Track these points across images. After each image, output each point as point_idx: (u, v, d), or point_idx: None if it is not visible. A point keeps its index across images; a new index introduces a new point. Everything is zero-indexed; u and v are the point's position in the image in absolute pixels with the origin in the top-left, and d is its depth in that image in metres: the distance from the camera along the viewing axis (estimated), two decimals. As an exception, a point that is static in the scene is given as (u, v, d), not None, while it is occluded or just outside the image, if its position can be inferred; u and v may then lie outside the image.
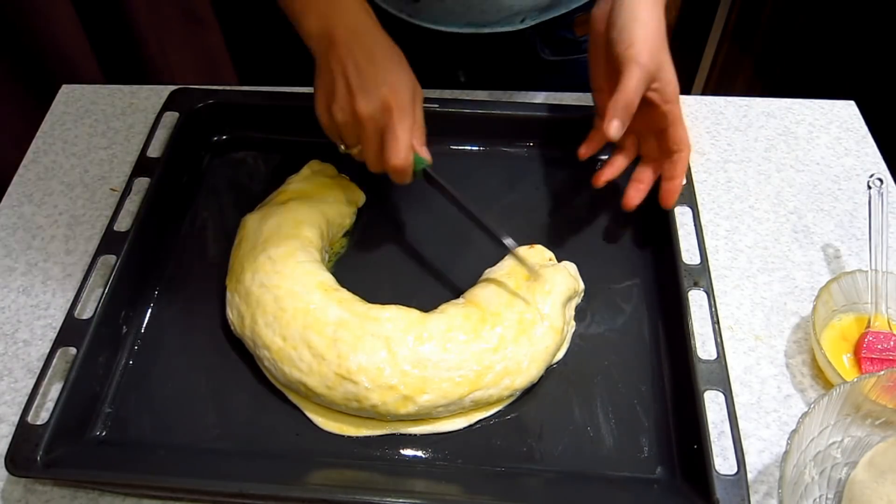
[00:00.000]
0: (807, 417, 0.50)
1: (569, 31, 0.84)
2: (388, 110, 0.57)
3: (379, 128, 0.58)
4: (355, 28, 0.59)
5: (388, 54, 0.60)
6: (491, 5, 0.77)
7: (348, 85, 0.57)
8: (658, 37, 0.60)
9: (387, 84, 0.57)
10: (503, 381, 0.56)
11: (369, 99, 0.57)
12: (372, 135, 0.58)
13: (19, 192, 0.74)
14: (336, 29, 0.59)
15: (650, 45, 0.59)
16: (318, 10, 0.60)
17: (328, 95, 0.59)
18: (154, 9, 1.14)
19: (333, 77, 0.58)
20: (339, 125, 0.59)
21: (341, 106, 0.58)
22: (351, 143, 0.61)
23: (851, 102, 0.83)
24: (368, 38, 0.60)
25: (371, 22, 0.61)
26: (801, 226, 0.71)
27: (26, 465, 0.51)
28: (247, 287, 0.59)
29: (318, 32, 0.59)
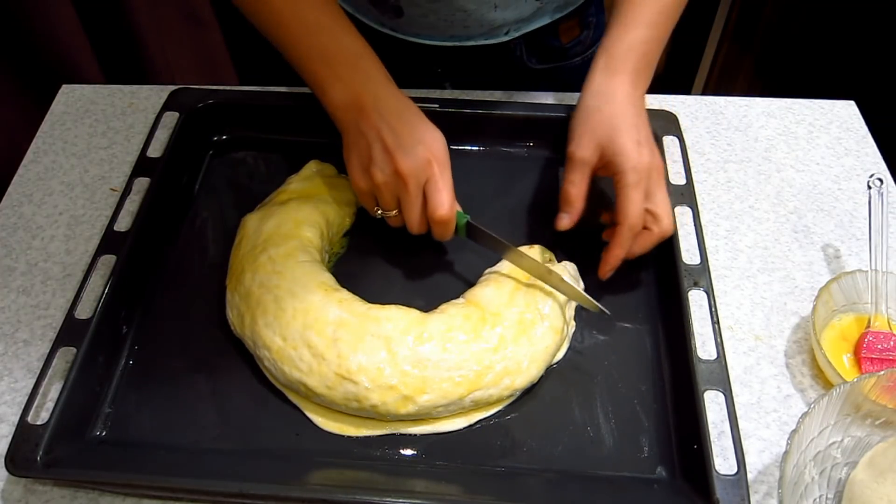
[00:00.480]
0: (807, 417, 0.50)
1: (555, 39, 0.84)
2: (429, 165, 0.58)
3: (420, 184, 0.59)
4: (379, 94, 0.61)
5: (414, 113, 0.61)
6: (474, 20, 0.77)
7: (385, 146, 0.58)
8: (611, 118, 0.61)
9: (423, 142, 0.58)
10: (503, 381, 0.56)
11: (409, 156, 0.58)
12: (414, 192, 0.59)
13: (19, 192, 0.74)
14: (363, 97, 0.60)
15: (596, 133, 0.61)
16: (343, 81, 0.61)
17: (364, 160, 0.60)
18: (154, 9, 1.15)
19: (368, 142, 0.59)
20: (380, 187, 0.59)
21: (381, 167, 0.58)
22: (389, 206, 0.61)
23: (851, 102, 0.83)
24: (393, 100, 0.61)
25: (393, 86, 0.62)
26: (801, 226, 0.71)
27: (26, 465, 0.51)
28: (247, 287, 0.59)
29: (346, 102, 0.61)
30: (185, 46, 1.23)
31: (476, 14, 0.76)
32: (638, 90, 0.63)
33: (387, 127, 0.59)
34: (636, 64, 0.63)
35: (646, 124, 0.62)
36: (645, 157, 0.59)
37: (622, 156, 0.59)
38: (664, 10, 0.64)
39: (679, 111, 0.75)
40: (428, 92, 0.79)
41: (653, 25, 0.64)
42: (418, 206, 0.60)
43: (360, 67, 0.62)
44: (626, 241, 0.60)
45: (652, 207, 0.60)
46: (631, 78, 0.62)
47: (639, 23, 0.64)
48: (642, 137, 0.60)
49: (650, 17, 0.64)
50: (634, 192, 0.59)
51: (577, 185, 0.62)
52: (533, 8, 0.77)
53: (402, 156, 0.58)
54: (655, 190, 0.60)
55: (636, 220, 0.59)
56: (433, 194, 0.59)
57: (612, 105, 0.61)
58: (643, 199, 0.59)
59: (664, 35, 0.65)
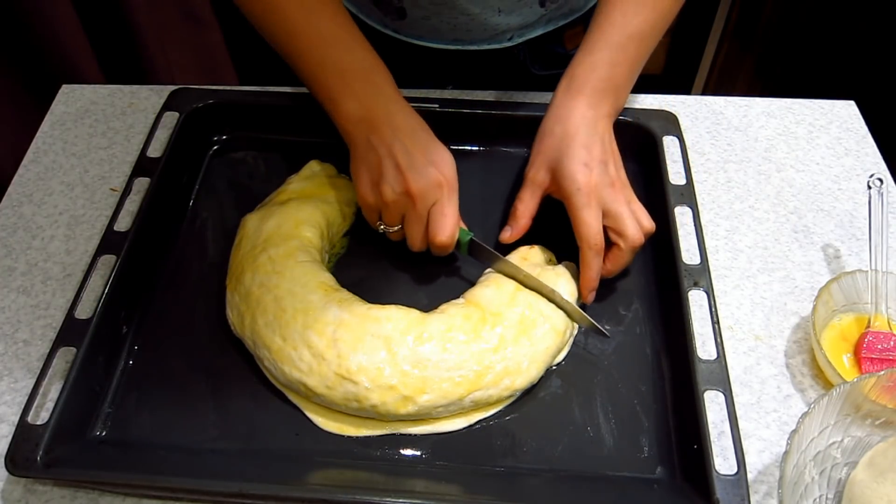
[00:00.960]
0: (807, 417, 0.50)
1: (559, 46, 0.83)
2: (439, 187, 0.59)
3: (428, 205, 0.59)
4: (392, 111, 0.61)
5: (427, 133, 0.62)
6: (477, 24, 0.77)
7: (397, 165, 0.58)
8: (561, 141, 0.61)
9: (435, 163, 0.59)
10: (503, 382, 0.56)
11: (420, 177, 0.58)
12: (421, 212, 0.59)
13: (19, 192, 0.74)
14: (375, 113, 0.60)
15: (547, 155, 0.62)
16: (356, 94, 0.61)
17: (374, 175, 0.60)
18: (154, 9, 1.15)
19: (379, 158, 0.59)
20: (388, 204, 0.60)
21: (391, 185, 0.59)
22: (393, 222, 0.62)
23: (851, 102, 0.83)
24: (406, 118, 0.61)
25: (404, 104, 0.63)
26: (801, 226, 0.71)
27: (26, 465, 0.51)
28: (247, 287, 0.59)
29: (359, 116, 0.61)
30: (185, 46, 1.23)
31: (479, 18, 0.76)
32: (598, 110, 0.62)
33: (399, 145, 0.59)
34: (597, 85, 0.62)
35: (601, 144, 0.61)
36: (594, 177, 0.59)
37: (567, 179, 0.59)
38: (634, 34, 0.63)
39: (679, 111, 0.75)
40: (428, 92, 0.79)
41: (618, 48, 0.63)
42: (423, 227, 0.61)
43: (372, 81, 0.62)
44: (593, 263, 0.59)
45: (612, 224, 0.59)
46: (589, 99, 0.62)
47: (603, 46, 0.63)
48: (594, 157, 0.60)
49: (616, 39, 0.63)
50: (585, 213, 0.58)
51: (525, 203, 0.63)
52: (537, 15, 0.77)
53: (413, 176, 0.58)
54: (614, 206, 0.59)
55: (594, 241, 0.59)
56: (437, 218, 0.59)
57: (565, 127, 0.61)
58: (597, 218, 0.59)
59: (635, 58, 0.64)
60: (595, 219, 0.59)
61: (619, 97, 0.65)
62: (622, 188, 0.61)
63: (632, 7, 0.63)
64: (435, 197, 0.59)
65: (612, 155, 0.62)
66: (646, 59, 0.66)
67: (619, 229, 0.59)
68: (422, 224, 0.60)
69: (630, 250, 0.60)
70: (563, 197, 0.60)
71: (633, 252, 0.60)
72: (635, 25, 0.63)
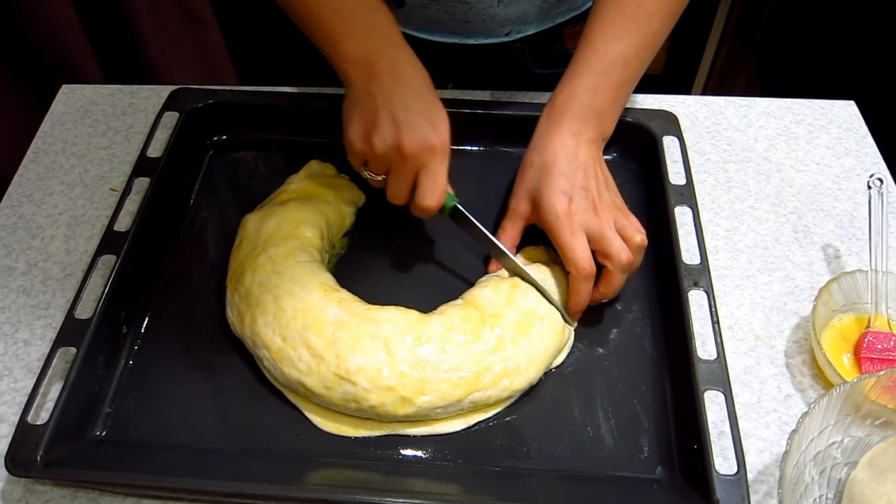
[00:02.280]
0: (807, 417, 0.50)
1: (559, 45, 0.83)
2: (433, 150, 0.57)
3: (417, 166, 0.58)
4: (397, 58, 0.59)
5: (430, 90, 0.60)
6: (475, 15, 0.76)
7: (394, 118, 0.57)
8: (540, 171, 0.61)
9: (433, 125, 0.58)
10: (502, 383, 0.56)
11: (415, 136, 0.56)
12: (410, 171, 0.58)
13: (19, 192, 0.74)
14: (377, 56, 0.59)
15: (527, 185, 0.62)
16: (357, 35, 0.59)
17: (367, 123, 0.58)
18: (154, 9, 1.15)
19: (376, 107, 0.58)
20: (377, 156, 0.58)
21: (384, 138, 0.57)
22: (378, 172, 0.61)
23: (851, 102, 0.83)
24: (412, 69, 0.60)
25: (410, 53, 0.61)
26: (801, 226, 0.71)
27: (26, 465, 0.51)
28: (247, 287, 0.59)
29: (357, 57, 0.59)
30: (185, 46, 1.23)
31: (477, 7, 0.75)
32: (579, 137, 0.61)
33: (400, 98, 0.57)
34: (578, 111, 0.62)
35: (582, 170, 0.60)
36: (573, 204, 0.58)
37: (546, 209, 0.59)
38: (616, 59, 0.62)
39: (679, 111, 0.75)
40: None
41: (601, 73, 0.62)
42: (408, 185, 0.59)
43: (375, 23, 0.60)
44: (581, 288, 0.58)
45: (596, 247, 0.58)
46: (571, 127, 0.61)
47: (584, 72, 0.63)
48: (574, 185, 0.59)
49: (598, 65, 0.62)
50: (567, 239, 0.58)
51: (507, 233, 0.63)
52: (536, 8, 0.77)
53: (408, 134, 0.56)
54: (596, 229, 0.58)
55: (582, 266, 0.57)
56: (426, 182, 0.58)
57: (543, 157, 0.61)
58: (582, 243, 0.58)
59: (619, 83, 0.63)
60: (580, 244, 0.58)
61: (603, 122, 0.64)
62: (605, 210, 0.59)
63: (614, 31, 0.62)
64: (426, 159, 0.57)
65: (596, 179, 0.61)
66: (633, 83, 0.65)
67: (604, 251, 0.58)
68: (407, 182, 0.59)
69: (619, 270, 0.59)
70: (545, 227, 0.60)
71: (623, 272, 0.59)
72: (618, 50, 0.62)
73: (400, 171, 0.59)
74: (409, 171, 0.58)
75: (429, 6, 0.76)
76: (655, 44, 0.65)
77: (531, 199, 0.61)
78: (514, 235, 0.63)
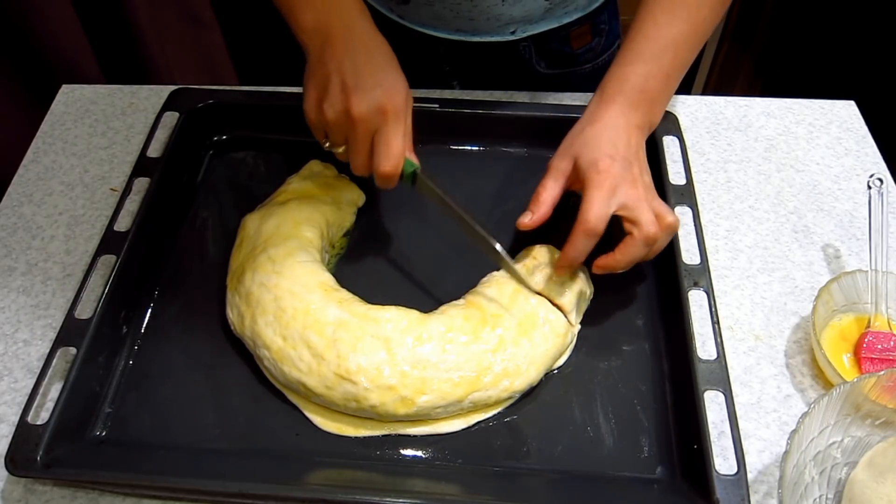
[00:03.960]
0: (807, 417, 0.50)
1: (565, 45, 0.83)
2: (383, 113, 0.56)
3: (370, 130, 0.57)
4: (352, 26, 0.58)
5: (385, 56, 0.59)
6: (480, 13, 0.76)
7: (343, 83, 0.56)
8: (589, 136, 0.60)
9: (382, 87, 0.56)
10: (502, 383, 0.56)
11: (364, 100, 0.55)
12: (363, 136, 0.57)
13: (19, 192, 0.74)
14: (332, 25, 0.58)
15: (573, 147, 0.60)
16: (314, 5, 0.59)
17: (320, 91, 0.58)
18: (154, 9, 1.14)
19: (328, 73, 0.57)
20: (329, 123, 0.58)
21: (333, 104, 0.56)
22: (337, 143, 0.60)
23: (851, 102, 0.83)
24: (365, 37, 0.59)
25: (367, 22, 0.60)
26: (801, 226, 0.71)
27: (26, 465, 0.51)
28: (247, 287, 0.59)
29: (314, 27, 0.58)
30: (185, 46, 1.23)
31: (482, 5, 0.75)
32: (629, 118, 0.61)
33: (350, 62, 0.56)
34: (629, 95, 0.61)
35: (627, 145, 0.59)
36: (615, 166, 0.57)
37: (588, 165, 0.58)
38: (668, 45, 0.62)
39: (679, 111, 0.75)
40: (429, 92, 0.79)
41: (652, 59, 0.62)
42: (365, 152, 0.58)
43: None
44: (579, 241, 0.57)
45: (626, 213, 0.57)
46: (621, 107, 0.61)
47: (635, 57, 0.62)
48: (619, 152, 0.58)
49: (651, 51, 0.62)
50: (594, 191, 0.56)
51: (548, 189, 0.61)
52: (541, 8, 0.77)
53: (357, 97, 0.55)
54: (631, 200, 0.57)
55: (591, 221, 0.56)
56: (380, 146, 0.56)
57: (594, 125, 0.60)
58: (605, 203, 0.56)
59: (669, 70, 0.63)
60: (602, 202, 0.56)
61: (653, 109, 0.63)
62: (644, 188, 0.59)
63: (665, 18, 0.62)
64: (378, 123, 0.56)
65: (639, 162, 0.60)
66: (683, 71, 0.65)
67: (634, 217, 0.57)
68: (364, 150, 0.57)
69: (643, 241, 0.57)
70: (582, 183, 0.58)
71: (646, 244, 0.57)
72: (668, 37, 0.62)
73: (354, 139, 0.57)
74: (362, 138, 0.57)
75: (434, 4, 0.76)
76: (705, 32, 0.64)
77: (574, 158, 0.60)
78: (556, 194, 0.61)
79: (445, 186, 0.61)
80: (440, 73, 0.85)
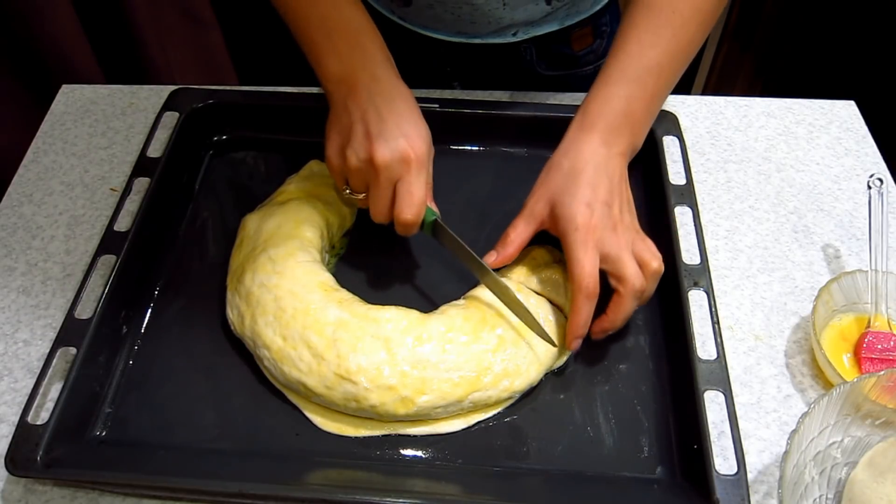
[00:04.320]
0: (807, 417, 0.50)
1: (566, 47, 0.83)
2: (407, 162, 0.56)
3: (393, 178, 0.57)
4: (377, 75, 0.59)
5: (408, 104, 0.59)
6: (481, 16, 0.76)
7: (367, 131, 0.56)
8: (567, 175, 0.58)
9: (407, 136, 0.56)
10: (502, 383, 0.56)
11: (387, 148, 0.55)
12: (385, 184, 0.57)
13: (19, 192, 0.74)
14: (358, 74, 0.58)
15: (550, 188, 0.59)
16: (340, 54, 0.59)
17: (343, 138, 0.58)
18: (154, 9, 1.15)
19: (352, 121, 0.57)
20: (352, 170, 0.58)
21: (356, 151, 0.56)
22: (359, 189, 0.60)
23: (851, 102, 0.83)
24: (389, 85, 0.59)
25: (391, 70, 0.60)
26: (801, 226, 0.71)
27: (26, 465, 0.51)
28: (247, 287, 0.59)
29: (339, 76, 0.59)
30: (185, 46, 1.23)
31: (483, 9, 0.75)
32: (611, 148, 0.59)
33: (374, 110, 0.57)
34: (612, 120, 0.59)
35: (608, 183, 0.58)
36: (594, 218, 0.55)
37: (566, 217, 0.56)
38: (652, 66, 0.60)
39: (679, 111, 0.75)
40: (429, 92, 0.79)
41: (636, 81, 0.60)
42: (386, 200, 0.58)
43: (359, 43, 0.60)
44: (583, 307, 0.55)
45: (610, 268, 0.56)
46: (603, 136, 0.59)
47: (619, 78, 0.60)
48: (598, 198, 0.56)
49: (634, 72, 0.60)
50: (580, 253, 0.55)
51: (518, 231, 0.60)
52: (543, 12, 0.77)
53: (380, 146, 0.55)
54: (613, 249, 0.56)
55: (586, 283, 0.54)
56: (403, 195, 0.57)
57: (573, 162, 0.58)
58: (593, 261, 0.55)
59: (653, 91, 0.61)
60: (590, 261, 0.55)
61: (635, 133, 0.61)
62: (625, 231, 0.57)
63: (649, 38, 0.60)
64: (401, 172, 0.56)
65: (620, 196, 0.58)
66: (666, 93, 0.63)
67: (618, 273, 0.55)
68: (386, 197, 0.58)
69: (631, 296, 0.56)
70: (559, 234, 0.57)
71: (635, 298, 0.56)
72: (652, 57, 0.60)
73: (376, 186, 0.57)
74: (384, 185, 0.57)
75: (434, 6, 0.76)
76: (690, 52, 0.63)
77: (551, 203, 0.58)
78: (525, 237, 0.60)
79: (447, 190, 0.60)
80: (441, 74, 0.85)
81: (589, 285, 0.55)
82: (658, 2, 0.61)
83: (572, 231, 0.56)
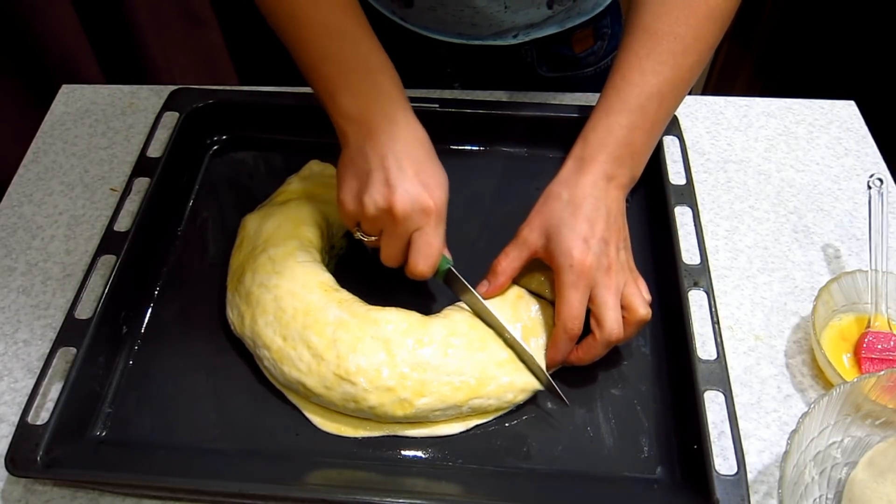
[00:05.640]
0: (807, 417, 0.50)
1: (567, 48, 0.83)
2: (427, 214, 0.55)
3: (410, 230, 0.56)
4: (394, 118, 0.57)
5: (426, 149, 0.58)
6: (482, 19, 0.76)
7: (387, 179, 0.55)
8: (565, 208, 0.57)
9: (426, 186, 0.55)
10: (506, 395, 0.56)
11: (408, 199, 0.54)
12: (402, 234, 0.56)
13: (19, 192, 0.74)
14: (374, 113, 0.56)
15: (547, 218, 0.58)
16: (353, 90, 0.57)
17: (360, 183, 0.56)
18: (154, 9, 1.15)
19: (370, 167, 0.55)
20: (367, 217, 0.56)
21: (374, 199, 0.55)
22: (371, 233, 0.58)
23: (851, 102, 0.83)
24: (408, 129, 0.57)
25: (408, 112, 0.58)
26: (801, 226, 0.71)
27: (26, 465, 0.51)
28: (247, 287, 0.59)
29: (354, 114, 0.57)
30: (185, 46, 1.23)
31: (485, 12, 0.75)
32: (611, 181, 0.59)
33: (393, 158, 0.55)
34: (614, 150, 0.59)
35: (606, 219, 0.57)
36: (589, 256, 0.55)
37: (561, 252, 0.55)
38: (653, 94, 0.59)
39: (679, 111, 0.75)
40: (430, 92, 0.79)
41: (638, 110, 0.59)
42: (401, 248, 0.57)
43: (375, 80, 0.58)
44: (562, 345, 0.56)
45: (594, 310, 0.55)
46: (604, 168, 0.58)
47: (621, 108, 0.60)
48: (595, 234, 0.56)
49: (635, 100, 0.59)
50: (570, 292, 0.55)
51: (509, 259, 0.59)
52: (544, 15, 0.77)
53: (400, 196, 0.54)
54: (602, 292, 0.55)
55: (570, 325, 0.55)
56: (420, 247, 0.56)
57: (573, 193, 0.58)
58: (581, 302, 0.55)
59: (654, 120, 0.61)
60: (579, 302, 0.55)
61: (635, 164, 0.61)
62: (617, 273, 0.56)
63: (651, 65, 0.59)
64: (419, 223, 0.55)
65: (617, 233, 0.58)
66: (667, 120, 0.63)
67: (599, 318, 0.55)
68: (400, 245, 0.57)
69: (604, 344, 0.55)
70: (552, 267, 0.57)
71: (606, 346, 0.56)
72: (654, 85, 0.59)
73: (392, 234, 0.56)
74: (401, 234, 0.56)
75: (436, 9, 0.76)
76: (691, 80, 0.62)
77: (547, 235, 0.57)
78: (517, 266, 0.59)
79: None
80: (442, 75, 0.85)
81: (573, 327, 0.55)
82: (660, 28, 0.60)
83: (566, 268, 0.55)
